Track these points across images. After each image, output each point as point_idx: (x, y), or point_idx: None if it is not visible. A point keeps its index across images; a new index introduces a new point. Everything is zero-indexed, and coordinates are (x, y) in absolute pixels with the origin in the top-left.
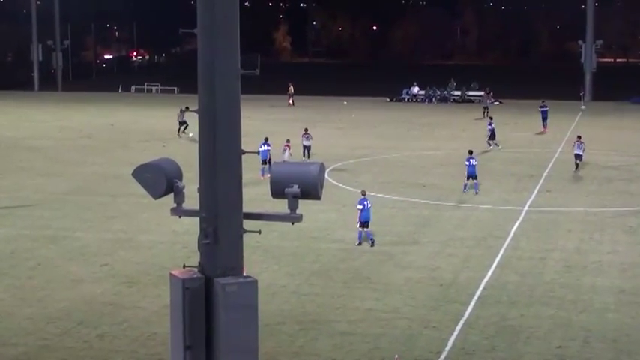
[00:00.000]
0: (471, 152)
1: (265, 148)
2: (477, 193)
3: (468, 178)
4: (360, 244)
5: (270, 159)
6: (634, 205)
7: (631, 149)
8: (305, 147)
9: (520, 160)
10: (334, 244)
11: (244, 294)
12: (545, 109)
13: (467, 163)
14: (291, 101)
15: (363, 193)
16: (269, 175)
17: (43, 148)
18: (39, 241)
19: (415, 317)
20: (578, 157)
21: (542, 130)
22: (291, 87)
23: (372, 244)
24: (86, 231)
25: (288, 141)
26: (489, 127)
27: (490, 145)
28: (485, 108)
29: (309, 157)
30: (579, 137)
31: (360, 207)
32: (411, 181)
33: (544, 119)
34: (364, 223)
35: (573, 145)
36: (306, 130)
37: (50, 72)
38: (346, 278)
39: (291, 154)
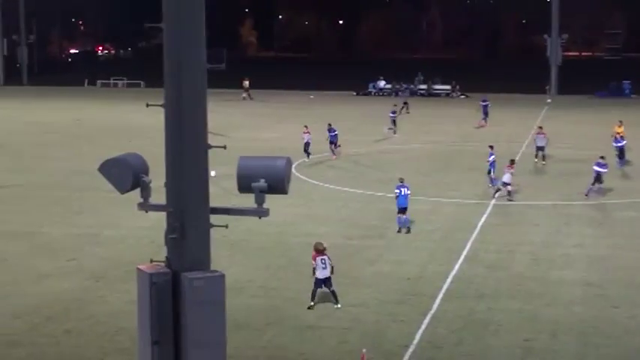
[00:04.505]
0: (402, 180)
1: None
2: (409, 231)
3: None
4: (399, 231)
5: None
6: (600, 198)
7: (596, 143)
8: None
9: (486, 153)
10: (302, 239)
11: (211, 288)
12: (486, 103)
13: (397, 192)
14: (245, 95)
15: (401, 180)
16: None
17: (8, 144)
18: (5, 237)
19: (383, 311)
20: (540, 149)
21: (483, 123)
22: (247, 82)
23: (408, 231)
24: (52, 226)
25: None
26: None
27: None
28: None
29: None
30: (540, 127)
31: (397, 192)
32: (378, 175)
33: (485, 114)
34: (401, 209)
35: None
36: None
37: (15, 66)
38: None
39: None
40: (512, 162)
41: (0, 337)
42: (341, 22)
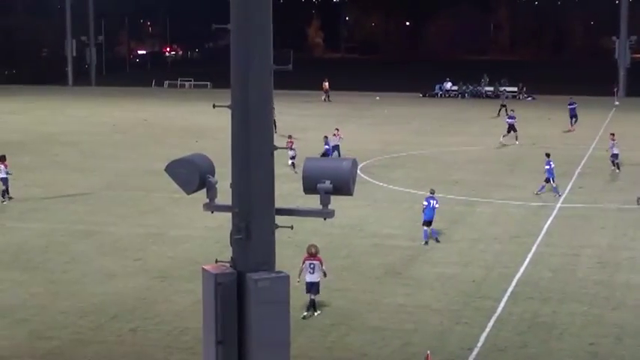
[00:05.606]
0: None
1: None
2: (438, 241)
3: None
4: (426, 243)
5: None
6: None
7: None
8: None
9: (553, 156)
10: (366, 240)
11: (276, 289)
12: (573, 106)
13: (425, 204)
14: (325, 97)
15: (432, 192)
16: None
17: (77, 143)
18: (73, 236)
19: (447, 313)
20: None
21: (570, 127)
22: (326, 83)
23: (437, 241)
24: (119, 226)
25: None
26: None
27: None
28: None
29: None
30: (612, 134)
31: (425, 203)
32: (444, 177)
33: (572, 117)
34: (426, 222)
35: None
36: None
37: (84, 67)
38: (378, 274)
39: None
40: None
41: (67, 336)
42: (408, 23)
